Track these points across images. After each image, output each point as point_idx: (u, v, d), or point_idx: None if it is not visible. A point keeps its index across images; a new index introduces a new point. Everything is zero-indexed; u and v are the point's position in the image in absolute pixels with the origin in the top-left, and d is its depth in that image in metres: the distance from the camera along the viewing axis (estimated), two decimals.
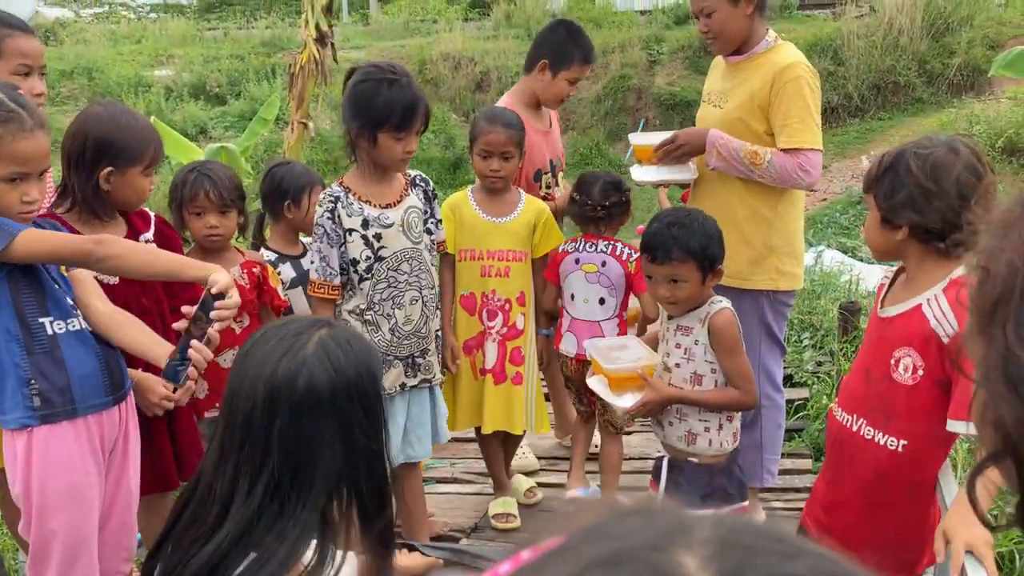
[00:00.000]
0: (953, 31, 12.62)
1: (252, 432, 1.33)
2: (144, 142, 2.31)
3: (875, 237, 2.00)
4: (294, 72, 7.08)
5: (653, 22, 16.21)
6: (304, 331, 1.38)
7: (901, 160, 1.90)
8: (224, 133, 12.36)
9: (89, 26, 22.43)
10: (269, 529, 1.30)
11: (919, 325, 1.92)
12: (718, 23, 2.84)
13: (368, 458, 1.37)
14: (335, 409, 1.33)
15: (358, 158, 2.69)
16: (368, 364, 1.39)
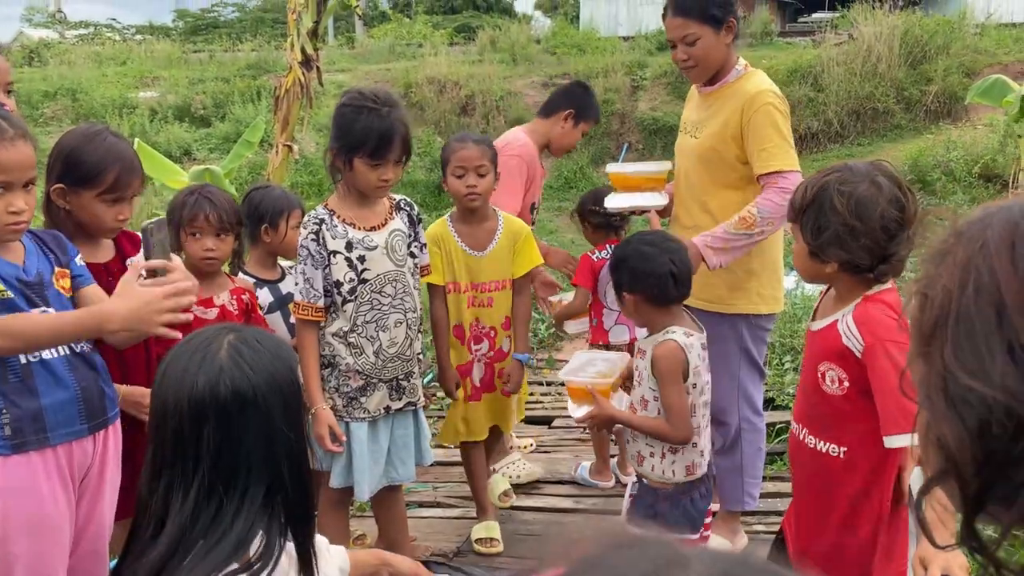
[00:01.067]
0: (930, 59, 12.86)
1: (182, 446, 1.36)
2: (102, 165, 2.20)
3: (805, 267, 2.04)
4: (279, 95, 7.09)
5: (636, 48, 16.40)
6: (212, 340, 1.41)
7: (825, 196, 1.92)
8: (209, 155, 12.35)
9: (74, 47, 22.41)
10: (208, 529, 1.32)
11: (834, 340, 1.98)
12: (700, 50, 2.85)
13: (290, 446, 1.40)
14: (258, 407, 1.36)
15: (342, 180, 2.71)
16: (281, 356, 1.43)
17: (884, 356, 1.88)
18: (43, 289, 2.01)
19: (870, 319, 1.92)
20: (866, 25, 13.36)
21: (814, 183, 1.96)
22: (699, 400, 2.48)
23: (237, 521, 1.33)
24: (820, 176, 1.98)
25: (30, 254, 2.03)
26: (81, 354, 2.07)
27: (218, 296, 2.75)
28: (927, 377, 0.70)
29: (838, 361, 1.97)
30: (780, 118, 2.80)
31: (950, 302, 0.69)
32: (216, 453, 1.35)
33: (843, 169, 1.97)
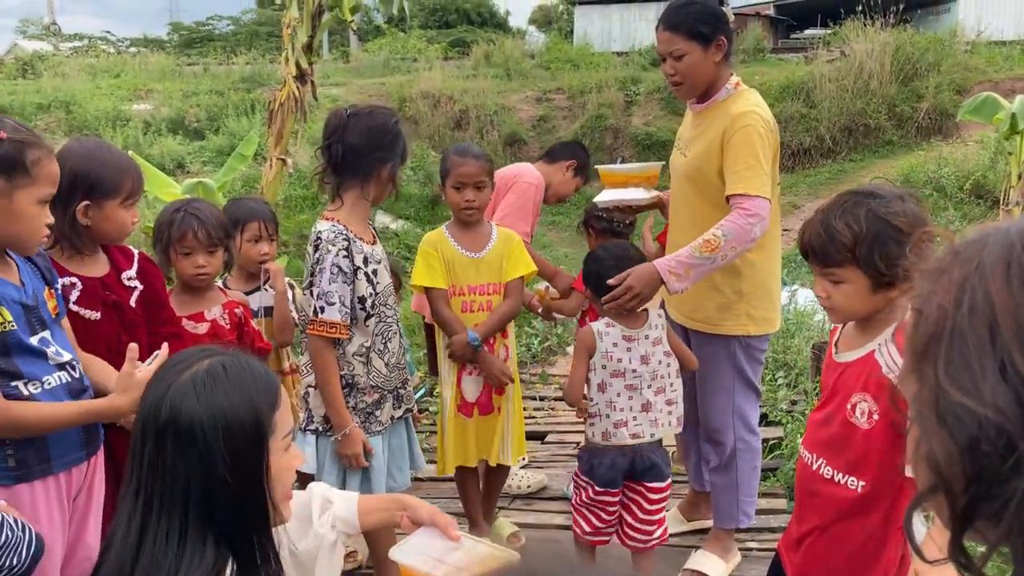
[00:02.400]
0: (921, 76, 12.97)
1: (132, 462, 1.35)
2: (120, 175, 2.27)
3: (865, 305, 1.91)
4: (274, 108, 7.10)
5: (630, 63, 16.50)
6: (191, 361, 1.37)
7: (882, 224, 1.83)
8: (202, 168, 12.34)
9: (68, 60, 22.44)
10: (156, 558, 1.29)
11: (873, 370, 1.92)
12: (687, 66, 2.82)
13: (229, 493, 1.32)
14: (194, 440, 1.30)
15: (356, 195, 2.67)
16: (246, 393, 1.35)
17: None
18: (39, 310, 2.01)
19: None
20: (858, 42, 13.49)
21: (856, 215, 1.85)
22: (610, 379, 2.77)
23: (182, 560, 1.29)
24: (852, 207, 1.87)
25: (23, 272, 2.02)
26: (79, 379, 2.06)
27: (209, 311, 2.74)
28: (919, 393, 0.72)
29: (875, 391, 1.91)
30: (758, 140, 2.74)
31: (944, 320, 0.70)
32: (151, 474, 1.32)
33: (871, 194, 1.90)
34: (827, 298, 1.93)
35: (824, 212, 1.91)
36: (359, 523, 1.72)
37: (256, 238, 3.10)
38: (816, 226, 1.89)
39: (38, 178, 1.86)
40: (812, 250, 1.90)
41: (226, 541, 1.33)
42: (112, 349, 2.27)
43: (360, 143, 2.62)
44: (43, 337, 1.99)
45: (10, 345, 1.91)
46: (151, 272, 2.47)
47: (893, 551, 1.99)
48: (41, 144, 1.89)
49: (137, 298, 2.38)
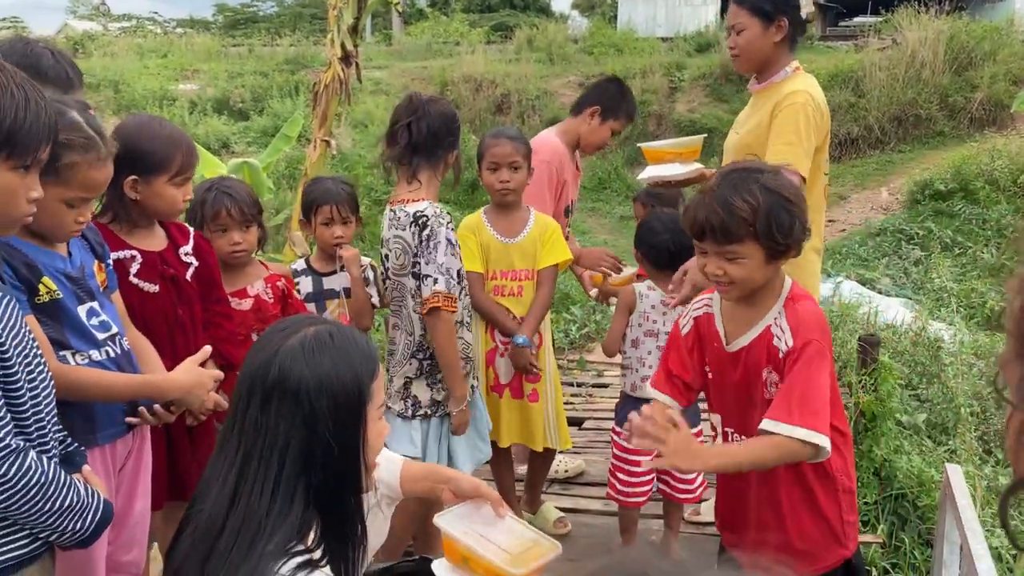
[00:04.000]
0: (976, 65, 12.63)
1: (234, 419, 1.40)
2: (169, 150, 2.25)
3: (761, 276, 1.95)
4: (318, 90, 7.12)
5: (675, 49, 16.31)
6: (299, 326, 1.42)
7: (773, 196, 1.87)
8: (246, 148, 12.49)
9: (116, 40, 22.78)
10: (246, 512, 1.33)
11: (770, 344, 1.97)
12: (744, 40, 2.89)
13: (330, 455, 1.36)
14: (299, 401, 1.35)
15: (431, 175, 2.74)
16: (352, 361, 1.40)
17: (811, 353, 1.89)
18: (86, 281, 2.04)
19: (801, 320, 1.94)
20: (911, 30, 13.17)
21: (751, 190, 1.88)
22: (644, 337, 3.05)
23: (271, 513, 1.33)
24: (744, 182, 1.90)
25: (72, 244, 2.05)
26: (125, 354, 2.09)
27: (252, 286, 2.77)
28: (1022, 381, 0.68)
29: (775, 362, 1.97)
30: (803, 119, 2.77)
31: None
32: (253, 432, 1.36)
33: (756, 169, 1.95)
34: (724, 275, 1.94)
35: (715, 190, 1.92)
36: (401, 490, 1.73)
37: (328, 221, 3.09)
38: (712, 204, 1.89)
39: (67, 181, 1.85)
40: (711, 228, 1.90)
41: (316, 502, 1.37)
42: (169, 322, 2.31)
43: (438, 127, 2.70)
44: (91, 307, 2.03)
45: (59, 313, 1.94)
46: (206, 250, 2.50)
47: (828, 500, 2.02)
48: (88, 149, 1.87)
49: (192, 274, 2.42)
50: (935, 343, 5.18)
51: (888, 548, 3.47)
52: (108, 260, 2.17)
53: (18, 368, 1.61)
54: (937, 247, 8.81)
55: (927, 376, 4.80)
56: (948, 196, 10.03)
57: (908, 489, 3.65)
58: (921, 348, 5.10)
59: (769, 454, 1.87)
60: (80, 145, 1.85)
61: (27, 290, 1.89)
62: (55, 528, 1.66)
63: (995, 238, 9.01)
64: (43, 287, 1.92)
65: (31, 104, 1.55)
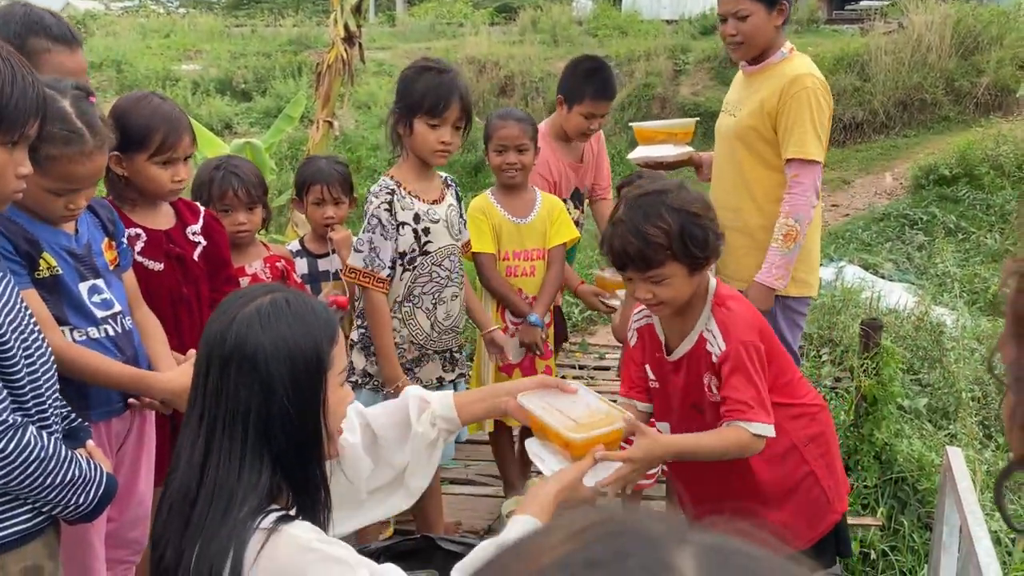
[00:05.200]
0: (982, 50, 12.53)
1: (196, 388, 1.41)
2: (148, 129, 2.19)
3: (689, 289, 1.98)
4: (321, 71, 7.09)
5: (679, 31, 16.19)
6: (254, 295, 1.42)
7: (683, 215, 1.91)
8: (249, 129, 12.44)
9: (119, 19, 22.68)
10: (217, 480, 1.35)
11: (704, 350, 2.03)
12: (750, 27, 2.88)
13: (289, 420, 1.37)
14: (256, 368, 1.35)
15: (405, 151, 2.71)
16: (308, 326, 1.39)
17: (742, 357, 1.95)
18: (92, 258, 2.04)
19: (730, 324, 1.99)
20: (917, 14, 13.05)
21: (660, 214, 1.91)
22: None
23: (241, 480, 1.34)
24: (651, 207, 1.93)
25: (81, 221, 2.05)
26: (125, 333, 2.09)
27: (250, 265, 2.78)
28: (1018, 359, 0.69)
29: (710, 367, 2.03)
30: (815, 104, 2.82)
31: None
32: (215, 400, 1.37)
33: (659, 191, 1.97)
34: (653, 298, 1.97)
35: (625, 220, 1.94)
36: (460, 419, 1.75)
37: (319, 201, 3.09)
38: (626, 236, 1.92)
39: (47, 172, 1.82)
40: (630, 258, 1.94)
41: (281, 467, 1.38)
42: (174, 300, 2.31)
43: (396, 96, 2.68)
44: (93, 285, 2.02)
45: (59, 289, 1.94)
46: (216, 230, 2.49)
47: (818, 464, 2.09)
48: (70, 143, 1.83)
49: (200, 253, 2.41)
50: (937, 328, 5.18)
51: (888, 531, 3.49)
52: (121, 238, 2.17)
53: (14, 344, 1.61)
54: (941, 232, 8.78)
55: (929, 360, 4.81)
56: (952, 181, 9.99)
57: (908, 473, 3.67)
58: (923, 333, 5.10)
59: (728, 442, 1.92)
60: (61, 139, 1.82)
61: (27, 264, 1.88)
62: (57, 502, 1.67)
63: (999, 224, 8.98)
64: (43, 262, 1.92)
65: (18, 79, 1.53)
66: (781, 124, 2.85)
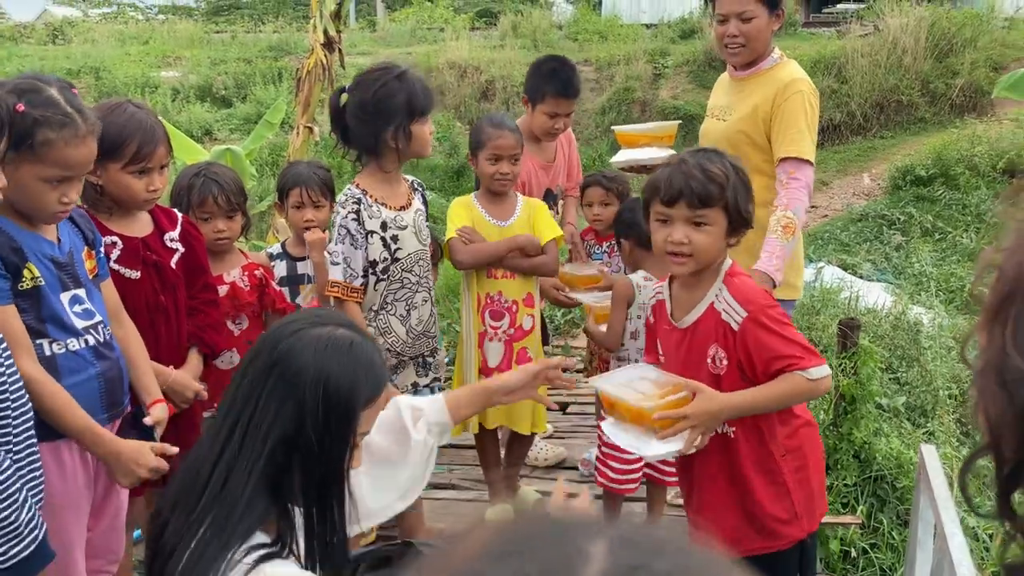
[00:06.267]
0: (957, 52, 12.69)
1: (233, 380, 1.43)
2: (119, 138, 2.17)
3: (718, 249, 2.04)
4: (301, 77, 7.08)
5: (659, 35, 16.29)
6: (325, 320, 1.43)
7: (739, 172, 2.02)
8: (229, 135, 12.40)
9: (97, 26, 22.50)
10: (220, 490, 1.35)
11: (715, 320, 2.05)
12: (754, 29, 2.88)
13: (312, 461, 1.37)
14: (295, 390, 1.36)
15: (376, 161, 2.71)
16: (352, 376, 1.39)
17: (767, 320, 1.98)
18: (74, 267, 2.02)
19: (747, 291, 2.03)
20: (892, 17, 13.20)
21: (723, 162, 2.01)
22: (643, 328, 2.86)
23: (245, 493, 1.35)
24: (714, 156, 2.04)
25: (62, 229, 2.04)
26: (106, 343, 2.08)
27: (228, 273, 2.77)
28: (986, 350, 0.71)
29: (721, 339, 2.04)
30: (808, 109, 2.86)
31: (1020, 280, 0.69)
32: (246, 400, 1.38)
33: (716, 151, 2.09)
34: (688, 243, 2.01)
35: (689, 160, 2.03)
36: (452, 420, 1.78)
37: (299, 204, 3.09)
38: (690, 171, 2.00)
39: (43, 158, 1.83)
40: (690, 191, 1.99)
41: (284, 496, 1.39)
42: (151, 308, 2.30)
43: (357, 119, 2.66)
44: (75, 295, 2.01)
45: (40, 300, 1.93)
46: (194, 236, 2.47)
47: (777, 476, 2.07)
48: (65, 126, 1.84)
49: (178, 260, 2.40)
50: (915, 327, 5.24)
51: (867, 529, 3.53)
52: (99, 247, 2.16)
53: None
54: (918, 232, 8.88)
55: (907, 359, 4.86)
56: (929, 182, 10.10)
57: (887, 471, 3.70)
58: (901, 332, 5.16)
59: (783, 391, 1.96)
60: (56, 122, 1.83)
61: (12, 276, 1.87)
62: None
63: (975, 223, 9.09)
64: (27, 272, 1.90)
65: None
66: (775, 127, 2.87)
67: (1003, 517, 0.71)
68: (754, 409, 2.02)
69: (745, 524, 2.09)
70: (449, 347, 5.00)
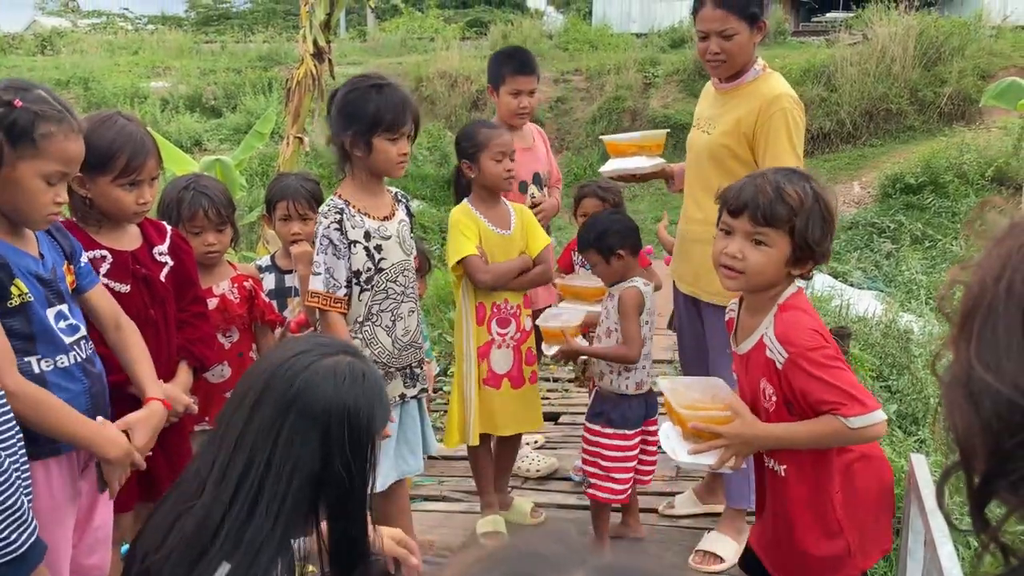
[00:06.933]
0: (945, 61, 12.78)
1: (238, 414, 1.38)
2: (109, 150, 2.15)
3: (773, 274, 1.98)
4: (291, 87, 7.07)
5: (649, 45, 16.36)
6: (330, 348, 1.43)
7: (817, 198, 1.94)
8: (219, 146, 12.38)
9: (86, 36, 22.48)
10: (238, 530, 1.32)
11: (763, 354, 2.01)
12: (735, 46, 2.87)
13: (340, 493, 1.38)
14: (319, 426, 1.35)
15: (352, 170, 2.71)
16: (371, 405, 1.41)
17: (807, 364, 1.92)
18: (57, 283, 2.01)
19: (789, 329, 1.96)
20: (881, 25, 13.30)
21: (803, 186, 1.95)
22: (648, 333, 3.03)
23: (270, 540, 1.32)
24: (798, 178, 1.98)
25: (42, 243, 2.02)
26: (89, 359, 2.06)
27: (218, 285, 2.76)
28: (953, 364, 0.72)
29: (768, 374, 2.00)
30: (793, 125, 2.84)
31: (984, 294, 0.70)
32: (265, 439, 1.35)
33: (807, 176, 2.02)
34: (742, 259, 1.97)
35: (767, 175, 1.99)
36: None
37: (286, 217, 3.09)
38: (764, 186, 1.95)
39: (44, 152, 1.82)
40: (755, 205, 1.94)
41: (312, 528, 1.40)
42: (141, 321, 2.27)
43: (334, 125, 2.66)
44: (59, 310, 1.99)
45: (29, 317, 1.91)
46: (183, 250, 2.45)
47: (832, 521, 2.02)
48: (62, 120, 1.85)
49: (167, 273, 2.38)
50: (905, 335, 5.25)
51: None
52: (79, 260, 2.14)
53: None
54: (907, 240, 8.92)
55: (897, 367, 4.86)
56: (918, 190, 10.16)
57: None
58: (891, 340, 5.17)
59: (819, 432, 1.92)
60: (54, 116, 1.84)
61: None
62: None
63: (964, 232, 9.14)
64: (15, 289, 1.88)
65: None
66: (759, 144, 2.85)
67: (977, 530, 0.71)
68: (792, 444, 1.99)
69: (791, 560, 2.07)
70: (440, 358, 4.99)
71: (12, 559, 1.64)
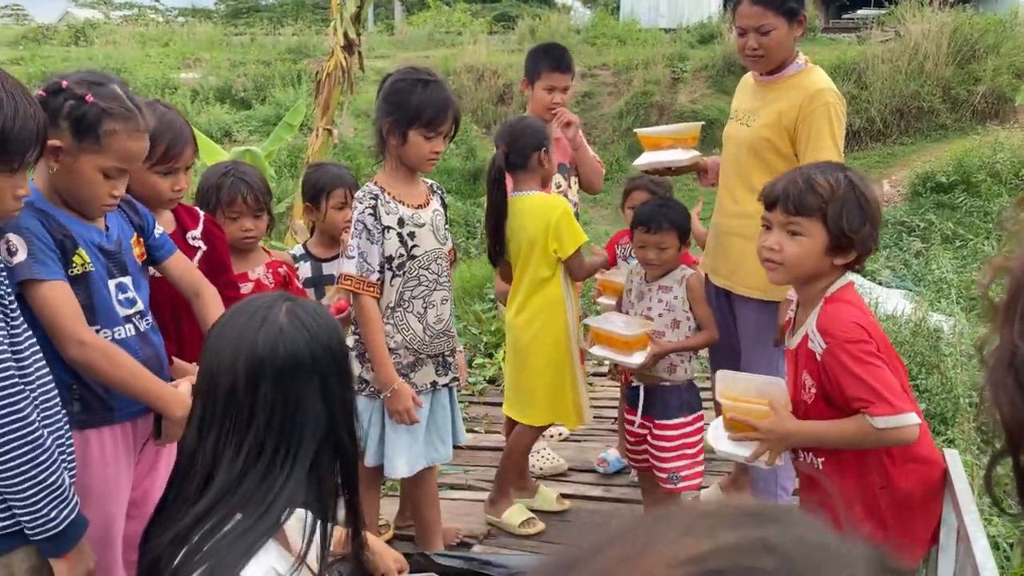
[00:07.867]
0: (979, 58, 12.60)
1: (236, 403, 1.39)
2: (151, 137, 2.12)
3: (814, 264, 1.99)
4: (320, 79, 7.12)
5: (677, 40, 16.28)
6: (272, 304, 1.45)
7: (853, 188, 1.96)
8: (248, 137, 12.49)
9: (118, 28, 22.77)
10: (255, 489, 1.36)
11: (807, 347, 2.02)
12: (773, 41, 2.86)
13: (344, 409, 1.47)
14: (315, 370, 1.41)
15: (388, 157, 2.73)
16: (335, 327, 1.50)
17: (844, 356, 1.92)
18: (122, 256, 2.05)
19: (830, 320, 1.97)
20: (914, 22, 13.14)
21: (835, 176, 1.97)
22: None
23: (283, 489, 1.36)
24: (831, 170, 2.01)
25: (110, 217, 2.06)
26: (147, 332, 2.10)
27: (253, 271, 2.79)
28: (999, 347, 0.72)
29: (810, 366, 2.01)
30: (836, 120, 2.83)
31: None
32: (270, 412, 1.39)
33: (846, 168, 2.05)
34: (779, 251, 1.98)
35: (803, 170, 2.02)
36: None
37: (341, 204, 3.11)
38: (795, 177, 1.99)
39: (106, 149, 1.87)
40: (786, 196, 1.97)
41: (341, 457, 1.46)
42: (175, 306, 2.31)
43: (378, 110, 2.71)
44: (120, 282, 2.03)
45: (88, 287, 1.95)
46: (216, 235, 2.49)
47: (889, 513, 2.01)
48: (129, 119, 1.89)
49: (200, 258, 2.41)
50: (935, 334, 5.19)
51: None
52: (152, 233, 2.17)
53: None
54: (938, 239, 8.82)
55: (926, 367, 4.82)
56: (950, 188, 10.03)
57: None
58: (921, 339, 5.12)
59: (848, 433, 1.93)
60: (121, 115, 1.88)
61: (62, 260, 1.90)
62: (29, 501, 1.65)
63: (996, 231, 9.01)
64: (78, 258, 1.93)
65: (20, 111, 1.61)
66: (800, 138, 2.83)
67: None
68: (822, 442, 2.01)
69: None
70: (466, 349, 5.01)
71: (52, 535, 1.68)
